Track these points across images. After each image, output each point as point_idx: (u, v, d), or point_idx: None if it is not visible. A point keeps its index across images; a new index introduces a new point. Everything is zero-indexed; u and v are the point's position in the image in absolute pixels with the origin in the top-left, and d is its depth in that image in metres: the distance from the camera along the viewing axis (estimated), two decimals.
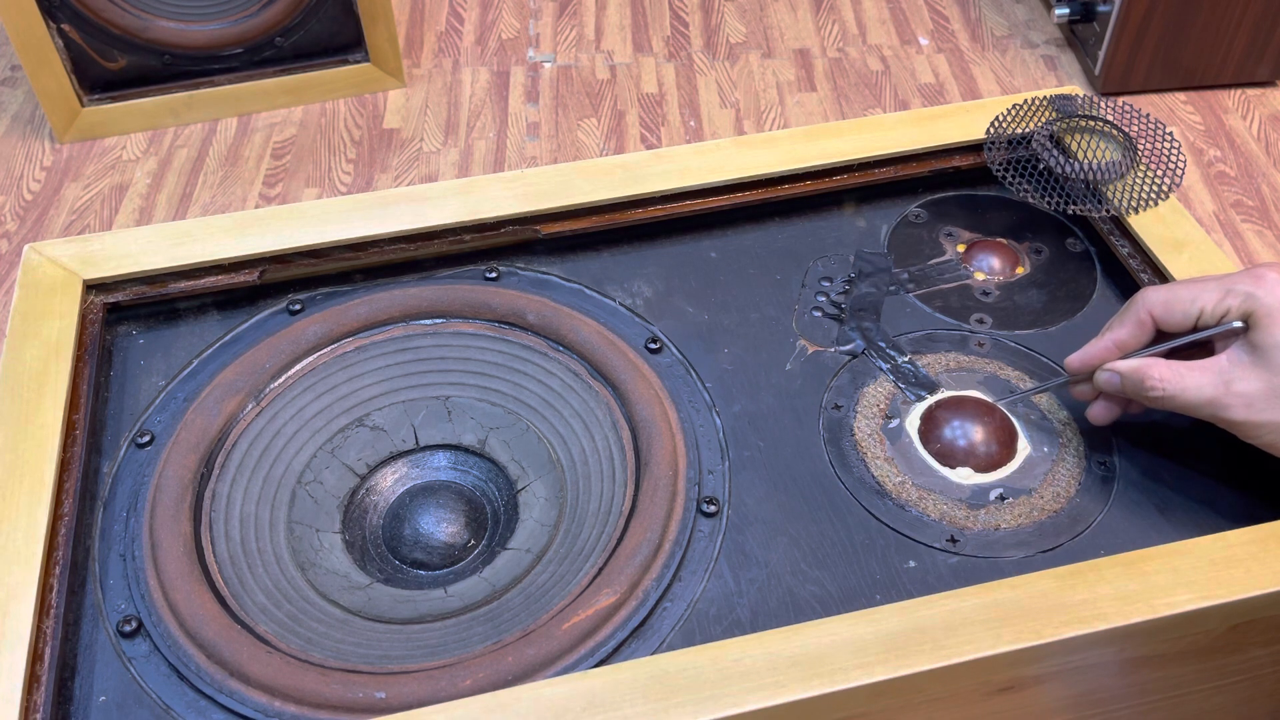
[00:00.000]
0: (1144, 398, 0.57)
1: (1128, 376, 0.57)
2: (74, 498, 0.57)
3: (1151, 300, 0.58)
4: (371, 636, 0.54)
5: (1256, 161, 1.45)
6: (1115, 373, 0.58)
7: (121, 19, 1.41)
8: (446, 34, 1.69)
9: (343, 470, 0.62)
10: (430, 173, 1.46)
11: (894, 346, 0.66)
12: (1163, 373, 0.56)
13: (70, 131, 1.48)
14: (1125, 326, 0.59)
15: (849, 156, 0.73)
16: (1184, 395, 0.56)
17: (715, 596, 0.54)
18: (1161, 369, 0.56)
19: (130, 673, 0.52)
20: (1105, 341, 0.59)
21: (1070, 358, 0.61)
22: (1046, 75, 1.60)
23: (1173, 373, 0.56)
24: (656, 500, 0.56)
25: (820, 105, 1.56)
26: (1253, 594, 0.51)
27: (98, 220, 1.39)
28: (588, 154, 1.47)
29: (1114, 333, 0.59)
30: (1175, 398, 0.56)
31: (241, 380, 0.62)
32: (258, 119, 1.53)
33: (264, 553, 0.57)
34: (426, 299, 0.66)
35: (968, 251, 0.72)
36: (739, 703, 0.47)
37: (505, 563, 0.58)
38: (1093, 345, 0.60)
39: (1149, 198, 0.70)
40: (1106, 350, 0.59)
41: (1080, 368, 0.60)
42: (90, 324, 0.65)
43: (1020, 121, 0.74)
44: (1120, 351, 0.59)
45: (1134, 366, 0.57)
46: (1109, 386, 0.59)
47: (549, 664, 0.50)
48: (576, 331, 0.64)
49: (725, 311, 0.68)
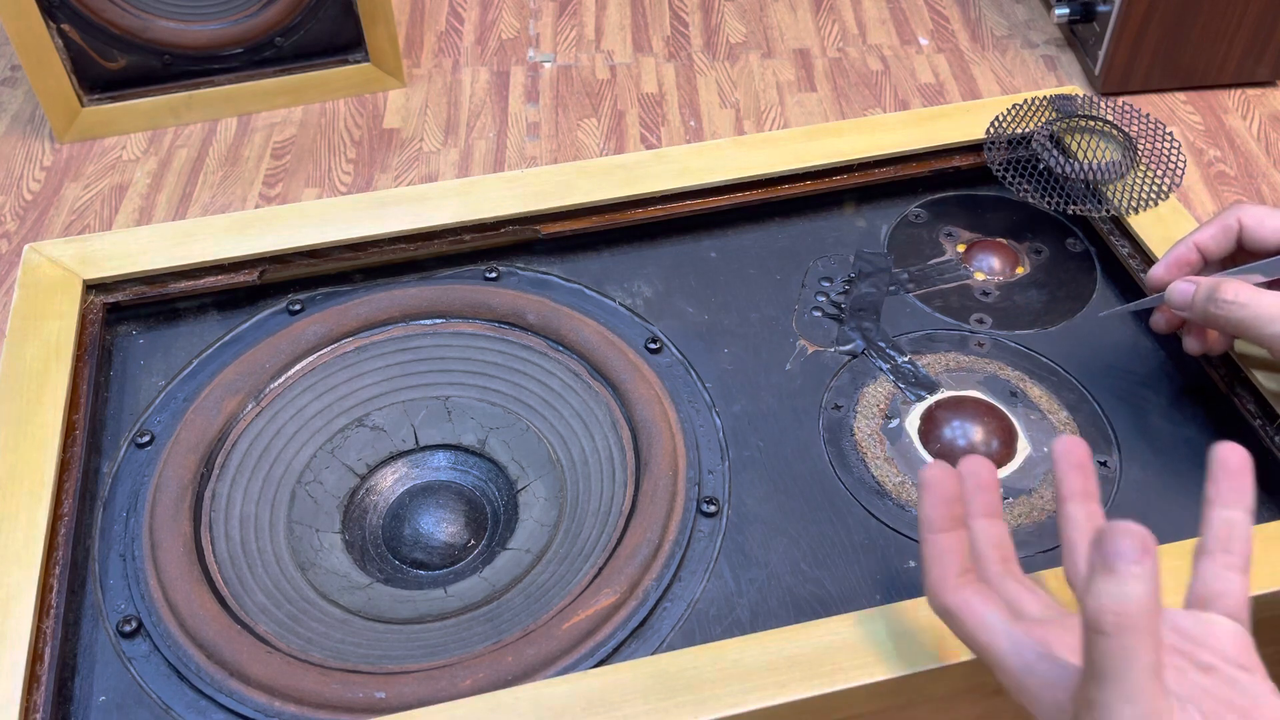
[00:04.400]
0: (1215, 316, 0.56)
1: (1202, 288, 0.56)
2: (74, 498, 0.57)
3: (1245, 210, 0.58)
4: (371, 636, 0.54)
5: (1256, 161, 1.45)
6: (1193, 283, 0.57)
7: (121, 19, 1.41)
8: (446, 34, 1.69)
9: (343, 470, 0.62)
10: (430, 173, 1.46)
11: (894, 346, 0.66)
12: (1237, 287, 0.55)
13: (70, 131, 1.48)
14: (1210, 228, 0.59)
15: (849, 156, 0.73)
16: (1257, 311, 0.54)
17: (715, 596, 0.54)
18: (1237, 284, 0.55)
19: (130, 673, 0.52)
20: (1186, 242, 0.59)
21: (1153, 269, 0.61)
22: (1046, 75, 1.60)
23: (1249, 289, 0.55)
24: (656, 500, 0.56)
25: (820, 105, 1.55)
26: (1253, 594, 0.50)
27: (98, 220, 1.39)
28: (588, 154, 1.47)
29: (1196, 234, 0.59)
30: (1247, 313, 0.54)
31: (241, 380, 0.62)
32: (258, 119, 1.53)
33: (264, 553, 0.57)
34: (426, 299, 0.66)
35: (968, 251, 0.72)
36: (739, 703, 0.47)
37: (505, 563, 0.58)
38: (1173, 249, 0.60)
39: (1149, 198, 0.70)
40: (1187, 250, 0.59)
41: (1164, 274, 0.60)
42: (90, 324, 0.65)
43: (1020, 121, 0.74)
44: (1200, 253, 0.59)
45: (1210, 280, 0.56)
46: (1181, 298, 0.57)
47: (549, 664, 0.50)
48: (576, 331, 0.64)
49: (725, 311, 0.68)
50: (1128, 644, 0.37)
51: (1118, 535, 0.37)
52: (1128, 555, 0.37)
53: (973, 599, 0.44)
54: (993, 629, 0.43)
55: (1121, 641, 0.37)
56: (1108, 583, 0.37)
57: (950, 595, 0.45)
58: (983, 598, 0.44)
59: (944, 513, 0.45)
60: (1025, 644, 0.42)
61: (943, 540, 0.45)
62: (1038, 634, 0.43)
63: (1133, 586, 0.37)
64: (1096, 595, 0.37)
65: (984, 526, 0.47)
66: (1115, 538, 0.37)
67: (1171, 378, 0.64)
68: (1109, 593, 0.37)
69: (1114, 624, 0.37)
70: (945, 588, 0.45)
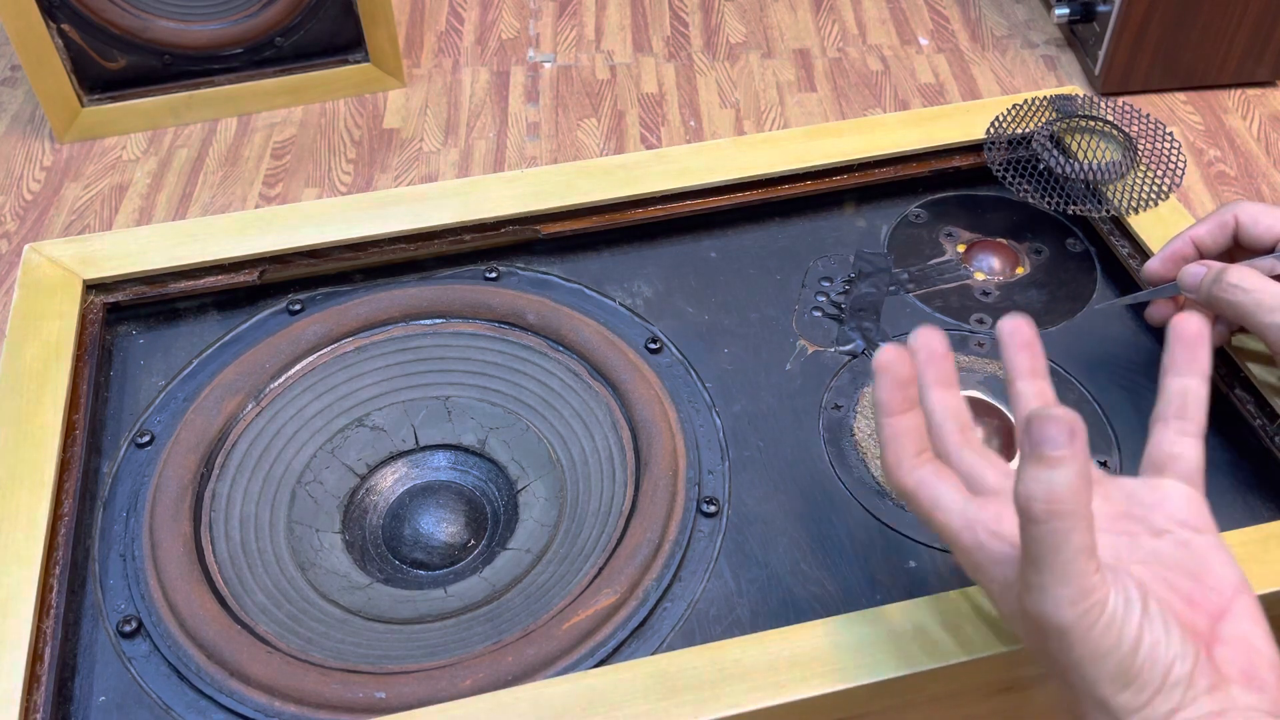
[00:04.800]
0: (1218, 299, 0.56)
1: (1211, 271, 0.57)
2: (74, 498, 0.57)
3: (1243, 207, 0.59)
4: (371, 636, 0.54)
5: (1256, 161, 1.45)
6: (1204, 266, 0.58)
7: (121, 19, 1.41)
8: (446, 34, 1.69)
9: (343, 470, 0.62)
10: (430, 173, 1.46)
11: None
12: (1244, 273, 0.56)
13: (70, 131, 1.48)
14: (1206, 224, 0.59)
15: (849, 156, 0.73)
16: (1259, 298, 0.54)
17: (715, 596, 0.54)
18: (1244, 270, 0.56)
19: (130, 673, 0.52)
20: (1183, 238, 0.60)
21: (1148, 264, 0.62)
22: (1046, 75, 1.60)
23: (1255, 276, 0.55)
24: (656, 500, 0.56)
25: (820, 105, 1.55)
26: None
27: (98, 220, 1.39)
28: (588, 154, 1.47)
29: (1193, 229, 0.60)
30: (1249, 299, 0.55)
31: (241, 380, 0.62)
32: (258, 119, 1.53)
33: (264, 553, 0.57)
34: (426, 299, 0.66)
35: (968, 251, 0.72)
36: (739, 703, 0.47)
37: (505, 563, 0.58)
38: (1169, 243, 0.61)
39: (1149, 198, 0.70)
40: (1183, 245, 0.60)
41: (1160, 268, 0.61)
42: (90, 324, 0.65)
43: (1020, 122, 0.74)
44: (1196, 248, 0.59)
45: (1220, 264, 0.57)
46: (1191, 280, 0.58)
47: (549, 664, 0.50)
48: (576, 331, 0.64)
49: (725, 311, 0.68)
50: (1058, 528, 0.38)
51: (1045, 422, 0.38)
52: (1055, 441, 0.37)
53: (928, 477, 0.45)
54: (947, 508, 0.44)
55: (1051, 526, 0.38)
56: (1036, 469, 0.38)
57: (906, 475, 0.45)
58: (938, 476, 0.45)
59: (899, 395, 0.45)
60: (978, 521, 0.43)
61: (898, 422, 0.45)
62: (991, 510, 0.43)
63: (1060, 473, 0.37)
64: (1025, 483, 0.38)
65: (940, 397, 0.47)
66: (1042, 424, 0.38)
67: None
68: (1038, 478, 0.38)
69: (1043, 511, 0.38)
70: (902, 469, 0.45)
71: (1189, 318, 0.47)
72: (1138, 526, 0.44)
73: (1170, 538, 0.43)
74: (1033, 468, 0.38)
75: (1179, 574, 0.42)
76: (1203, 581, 0.42)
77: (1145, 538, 0.44)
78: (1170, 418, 0.46)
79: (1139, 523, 0.44)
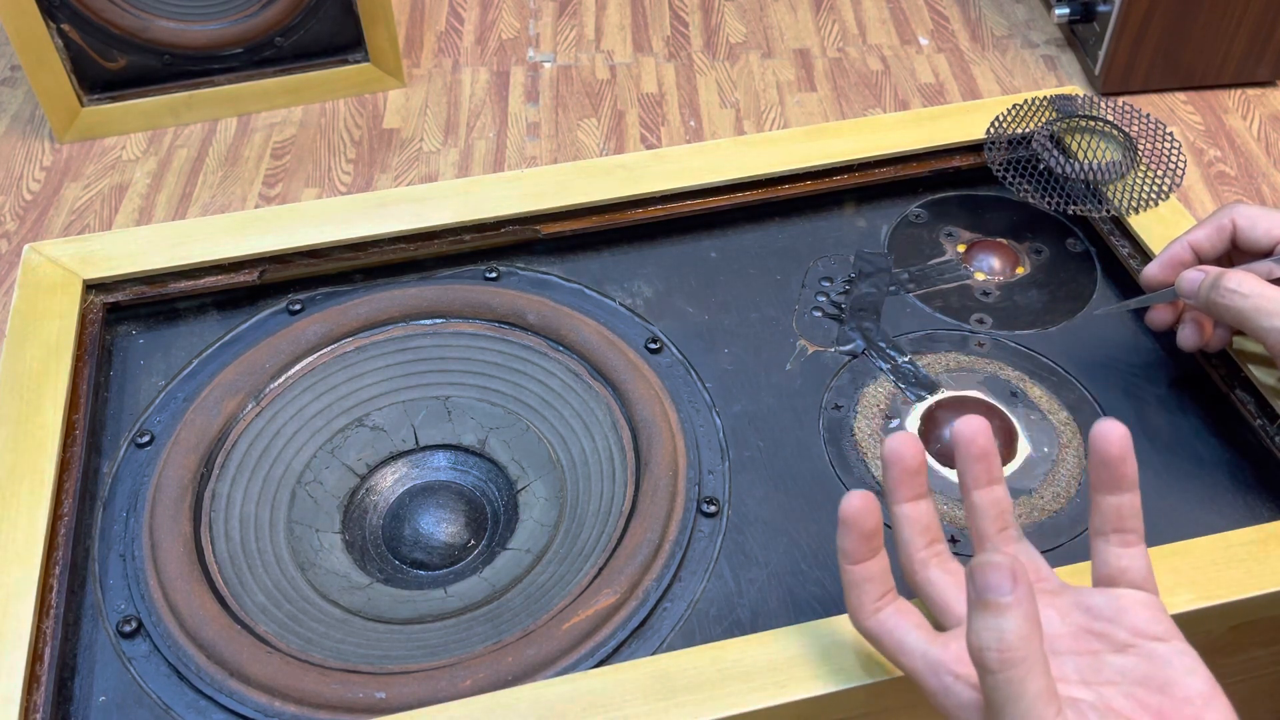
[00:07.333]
0: (1216, 304, 0.56)
1: (1209, 275, 0.57)
2: (74, 498, 0.57)
3: (1240, 210, 0.59)
4: (371, 636, 0.54)
5: (1256, 161, 1.45)
6: (1202, 272, 0.58)
7: (121, 19, 1.41)
8: (446, 34, 1.68)
9: (343, 470, 0.62)
10: (430, 173, 1.46)
11: (894, 346, 0.66)
12: (1242, 277, 0.56)
13: (70, 131, 1.48)
14: (1204, 228, 0.60)
15: (849, 156, 0.73)
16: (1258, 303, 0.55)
17: (715, 596, 0.54)
18: (1242, 274, 0.56)
19: (130, 673, 0.52)
20: (1180, 242, 0.60)
21: (1146, 268, 0.62)
22: (1046, 75, 1.60)
23: (1253, 281, 0.56)
24: (656, 500, 0.56)
25: (820, 105, 1.55)
26: (1253, 594, 0.51)
27: (98, 220, 1.39)
28: (588, 154, 1.47)
29: (1190, 234, 0.60)
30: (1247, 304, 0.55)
31: (241, 380, 0.62)
32: (257, 119, 1.53)
33: (264, 553, 0.57)
34: (426, 299, 0.66)
35: (968, 251, 0.72)
36: (739, 703, 0.47)
37: (505, 563, 0.58)
38: (1167, 248, 0.61)
39: (1149, 198, 0.70)
40: (1181, 249, 0.60)
41: (1158, 273, 0.61)
42: (90, 324, 0.65)
43: (1020, 122, 0.74)
44: (1194, 252, 0.60)
45: (1218, 269, 0.57)
46: (1190, 286, 0.58)
47: (549, 664, 0.50)
48: (576, 331, 0.64)
49: (725, 311, 0.68)
50: (1014, 677, 0.38)
51: (986, 570, 0.38)
52: (1000, 588, 0.38)
53: (889, 620, 0.45)
54: (910, 651, 0.44)
55: (1007, 676, 0.38)
56: (984, 617, 0.38)
57: (867, 620, 0.46)
58: (900, 616, 0.45)
59: (863, 546, 0.45)
60: (941, 664, 0.43)
61: (860, 570, 0.46)
62: (953, 650, 0.43)
63: (1008, 620, 0.38)
64: (977, 633, 0.38)
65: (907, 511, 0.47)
66: (984, 572, 0.38)
67: (1171, 378, 0.64)
68: (988, 626, 0.38)
69: (997, 660, 0.38)
70: (863, 614, 0.46)
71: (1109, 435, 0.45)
72: (1100, 644, 0.44)
73: (1135, 652, 0.43)
74: (981, 616, 0.38)
75: (1148, 690, 0.42)
76: (1172, 695, 0.41)
77: (1109, 655, 0.43)
78: (1109, 532, 0.46)
79: (1101, 639, 0.44)
